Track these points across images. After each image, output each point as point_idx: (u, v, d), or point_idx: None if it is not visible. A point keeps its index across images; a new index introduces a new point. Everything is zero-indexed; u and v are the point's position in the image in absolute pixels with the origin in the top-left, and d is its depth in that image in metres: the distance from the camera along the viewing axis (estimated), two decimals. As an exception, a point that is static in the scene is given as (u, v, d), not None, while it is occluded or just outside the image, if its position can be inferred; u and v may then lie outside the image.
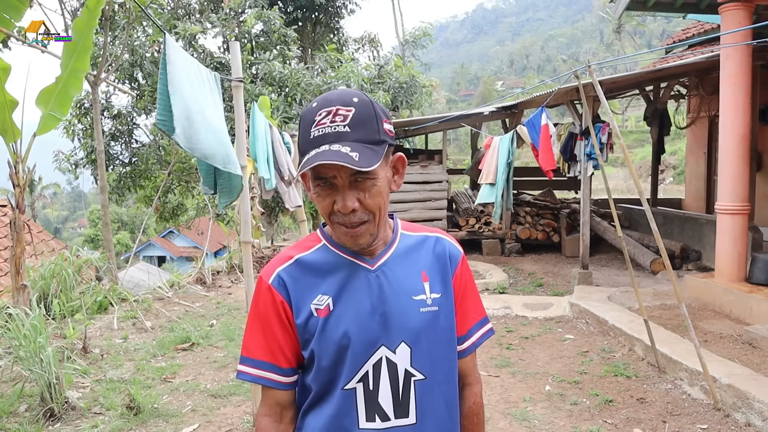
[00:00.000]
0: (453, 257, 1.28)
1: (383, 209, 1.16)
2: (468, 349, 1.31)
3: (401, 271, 1.21)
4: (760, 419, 3.45)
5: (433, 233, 1.31)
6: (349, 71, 11.13)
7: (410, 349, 1.17)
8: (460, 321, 1.29)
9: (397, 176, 1.22)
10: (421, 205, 9.82)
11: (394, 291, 1.18)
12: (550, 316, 6.14)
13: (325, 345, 1.15)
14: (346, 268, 1.19)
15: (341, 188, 1.11)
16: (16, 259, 4.96)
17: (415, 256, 1.24)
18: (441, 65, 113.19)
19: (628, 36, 34.10)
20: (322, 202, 1.14)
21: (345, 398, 1.16)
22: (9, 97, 4.45)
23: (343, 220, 1.13)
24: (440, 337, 1.22)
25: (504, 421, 3.75)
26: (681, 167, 23.63)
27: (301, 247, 1.25)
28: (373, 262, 1.20)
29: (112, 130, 12.53)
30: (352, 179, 1.10)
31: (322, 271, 1.20)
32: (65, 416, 3.77)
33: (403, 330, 1.17)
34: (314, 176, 1.12)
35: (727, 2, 5.78)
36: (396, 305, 1.18)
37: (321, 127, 1.09)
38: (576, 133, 7.55)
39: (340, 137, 1.07)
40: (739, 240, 5.93)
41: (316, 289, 1.18)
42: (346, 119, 1.08)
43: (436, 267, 1.25)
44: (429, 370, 1.19)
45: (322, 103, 1.11)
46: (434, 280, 1.23)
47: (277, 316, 1.18)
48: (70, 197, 60.95)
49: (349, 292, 1.17)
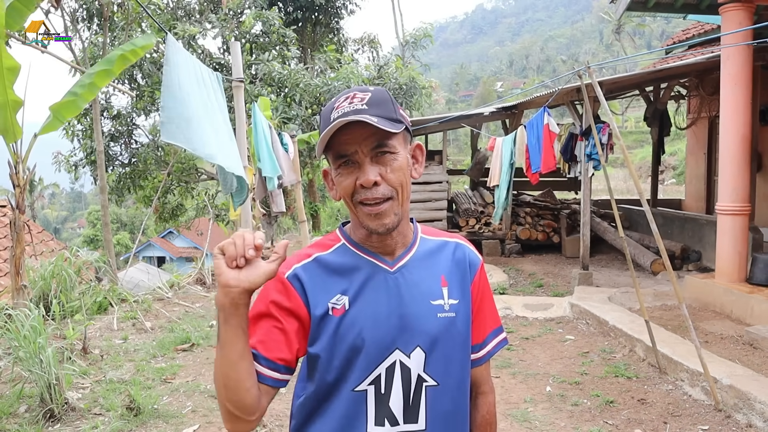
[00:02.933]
0: (472, 264, 1.27)
1: (406, 188, 1.15)
2: (483, 358, 1.30)
3: (420, 274, 1.20)
4: (762, 420, 3.44)
5: (453, 239, 1.30)
6: (349, 72, 11.13)
7: (425, 355, 1.16)
8: (477, 329, 1.28)
9: (417, 164, 1.22)
10: (422, 205, 9.82)
11: (412, 294, 1.17)
12: (550, 317, 6.14)
13: (338, 344, 1.13)
14: (365, 268, 1.18)
15: (363, 163, 1.11)
16: (16, 259, 4.95)
17: (434, 261, 1.23)
18: (440, 66, 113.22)
19: (628, 36, 34.13)
20: (345, 182, 1.13)
21: (355, 400, 1.14)
22: (14, 97, 4.43)
23: (366, 196, 1.11)
24: (456, 344, 1.20)
25: (505, 422, 3.74)
26: (681, 168, 23.65)
27: (320, 245, 1.23)
28: (393, 263, 1.19)
29: (112, 130, 12.53)
30: (373, 153, 1.11)
31: (340, 270, 1.18)
32: (65, 417, 3.76)
33: (420, 334, 1.16)
34: (336, 156, 1.12)
35: (728, 3, 5.77)
36: (413, 309, 1.16)
37: (340, 108, 1.11)
38: (576, 133, 7.55)
39: (358, 112, 1.09)
40: (740, 240, 5.92)
41: (333, 288, 1.16)
42: (363, 100, 1.11)
43: (455, 273, 1.24)
44: (442, 377, 1.18)
45: (341, 93, 1.15)
46: (453, 286, 1.22)
47: (282, 307, 1.15)
48: (69, 198, 60.95)
49: (367, 293, 1.16)
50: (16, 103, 4.30)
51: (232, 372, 1.06)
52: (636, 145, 36.04)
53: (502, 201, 8.03)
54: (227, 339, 1.05)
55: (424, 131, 10.37)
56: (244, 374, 1.07)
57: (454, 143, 39.13)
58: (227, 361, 1.06)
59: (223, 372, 1.07)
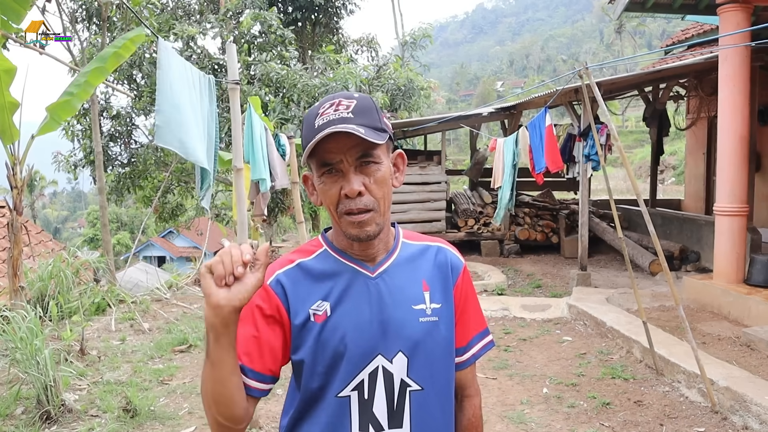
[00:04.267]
0: (455, 267, 1.27)
1: (387, 199, 1.16)
2: (468, 361, 1.30)
3: (401, 279, 1.20)
4: (757, 422, 3.44)
5: (434, 242, 1.30)
6: (348, 72, 11.11)
7: (407, 359, 1.16)
8: (461, 332, 1.28)
9: (398, 173, 1.22)
10: (420, 206, 9.81)
11: (393, 299, 1.17)
12: (548, 318, 6.14)
13: (320, 350, 1.14)
14: (347, 274, 1.18)
15: (347, 173, 1.11)
16: (14, 260, 4.96)
17: (416, 265, 1.23)
18: (441, 65, 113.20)
19: (629, 36, 34.12)
20: (329, 191, 1.13)
21: (339, 406, 1.15)
22: (10, 99, 4.44)
23: (350, 207, 1.11)
24: (439, 348, 1.20)
25: (501, 424, 3.74)
26: (681, 167, 23.62)
27: (302, 251, 1.24)
28: (374, 269, 1.20)
29: (111, 130, 12.53)
30: (357, 163, 1.11)
31: (322, 276, 1.19)
32: (62, 419, 3.77)
33: (401, 339, 1.16)
34: (320, 164, 1.13)
35: (726, 3, 5.77)
36: (395, 314, 1.16)
37: (325, 116, 1.11)
38: (574, 134, 7.55)
39: (344, 121, 1.09)
40: (738, 241, 5.92)
41: (315, 294, 1.17)
42: (349, 108, 1.11)
43: (437, 277, 1.24)
44: (426, 381, 1.18)
45: (325, 99, 1.15)
46: (435, 290, 1.22)
47: (266, 315, 1.16)
48: (70, 197, 60.97)
49: (349, 299, 1.16)
50: (13, 105, 4.31)
51: (223, 389, 1.07)
52: (636, 144, 36.03)
53: (506, 202, 8.02)
54: (218, 358, 1.04)
55: (423, 131, 10.36)
56: (234, 389, 1.08)
57: (454, 143, 39.09)
58: (218, 379, 1.06)
59: (213, 389, 1.07)
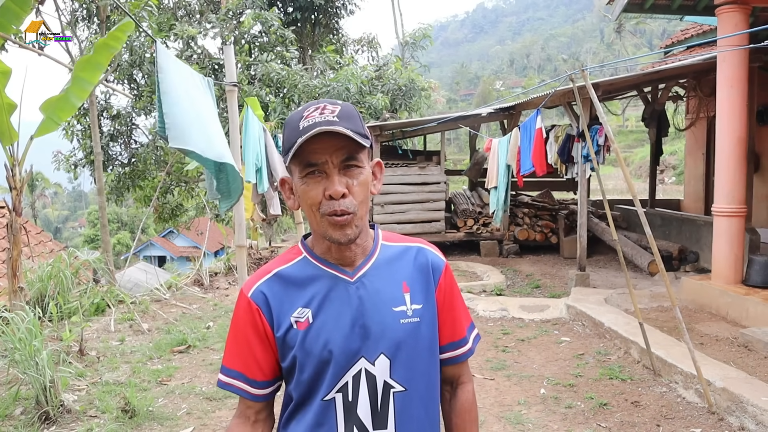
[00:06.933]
0: (435, 267, 1.28)
1: (366, 204, 1.17)
2: (468, 352, 1.32)
3: (381, 282, 1.21)
4: (754, 423, 3.45)
5: (414, 243, 1.31)
6: (349, 74, 11.12)
7: (389, 361, 1.18)
8: (455, 326, 1.30)
9: (376, 181, 1.23)
10: (420, 206, 9.82)
11: (373, 303, 1.19)
12: (546, 318, 6.14)
13: (305, 357, 1.16)
14: (326, 280, 1.20)
15: (331, 174, 1.12)
16: (13, 261, 4.97)
17: (395, 267, 1.25)
18: (441, 65, 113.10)
19: (629, 35, 34.09)
20: (311, 192, 1.13)
21: (324, 408, 1.17)
22: (7, 100, 4.45)
23: (333, 208, 1.12)
24: (421, 348, 1.22)
25: (498, 424, 3.75)
26: (681, 167, 23.61)
27: (281, 260, 1.26)
28: (353, 273, 1.21)
29: (111, 130, 12.54)
30: (341, 165, 1.12)
31: (301, 283, 1.20)
32: (60, 419, 3.78)
33: (383, 341, 1.17)
34: (304, 165, 1.13)
35: (724, 4, 5.77)
36: (376, 317, 1.18)
37: (311, 118, 1.11)
38: (573, 134, 7.55)
39: (331, 123, 1.10)
40: (736, 242, 5.93)
41: (296, 302, 1.18)
42: (334, 112, 1.12)
43: (417, 278, 1.25)
44: (409, 382, 1.19)
45: (309, 104, 1.17)
46: (415, 291, 1.23)
47: (254, 329, 1.19)
48: (70, 197, 60.94)
49: (329, 305, 1.18)
50: (10, 107, 4.32)
51: None
52: (637, 144, 36.04)
53: (501, 203, 8.04)
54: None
55: (422, 131, 10.36)
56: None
57: (454, 142, 39.08)
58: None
59: None
